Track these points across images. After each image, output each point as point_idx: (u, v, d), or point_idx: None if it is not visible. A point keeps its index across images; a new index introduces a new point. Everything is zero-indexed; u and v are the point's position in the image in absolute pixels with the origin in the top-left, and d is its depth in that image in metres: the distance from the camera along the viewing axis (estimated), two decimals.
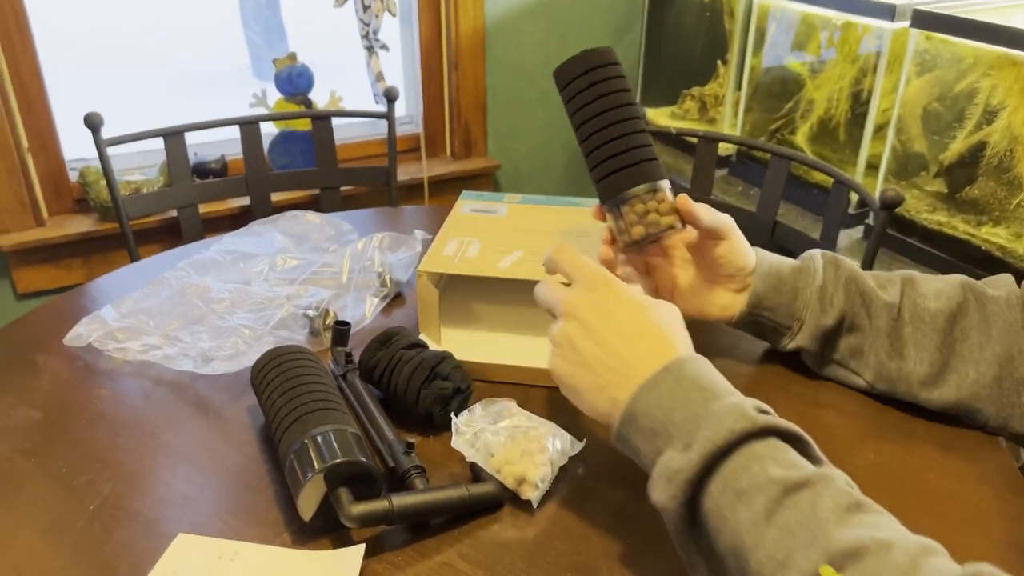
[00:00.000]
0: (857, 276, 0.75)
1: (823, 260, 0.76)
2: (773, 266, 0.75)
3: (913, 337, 0.72)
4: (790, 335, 0.76)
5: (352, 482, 0.61)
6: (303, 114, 1.54)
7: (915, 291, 0.73)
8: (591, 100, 0.70)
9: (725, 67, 1.75)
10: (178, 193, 1.40)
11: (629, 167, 0.70)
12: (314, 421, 0.63)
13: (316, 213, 1.12)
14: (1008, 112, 1.22)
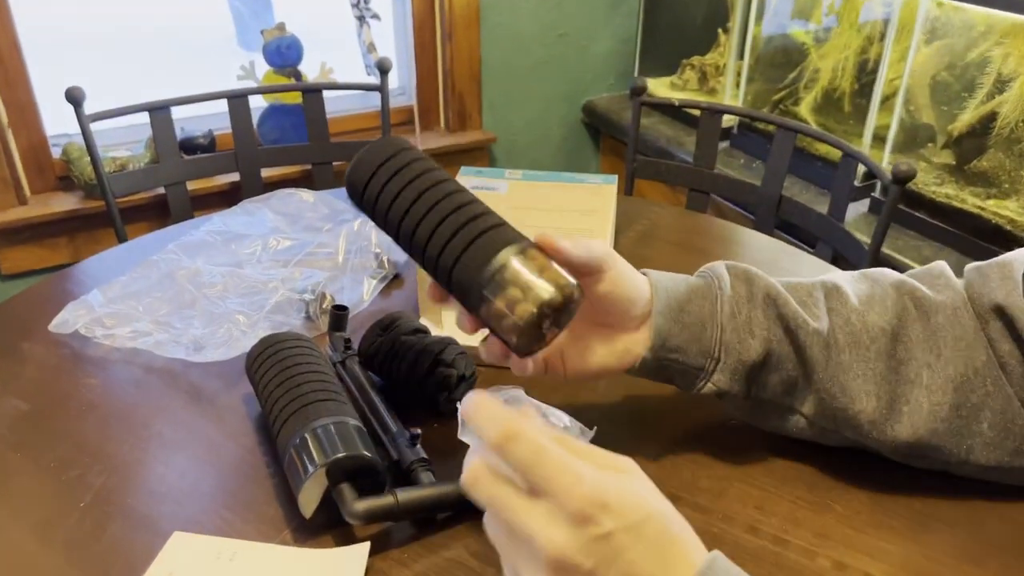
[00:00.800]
0: (776, 295, 0.60)
1: (730, 275, 0.61)
2: (670, 292, 0.60)
3: (852, 367, 0.59)
4: (703, 376, 0.60)
5: (355, 476, 0.58)
6: (294, 87, 1.50)
7: (845, 305, 0.60)
8: (387, 206, 0.55)
9: (726, 36, 1.71)
10: (165, 170, 1.35)
11: (477, 238, 0.51)
12: (314, 413, 0.60)
13: (309, 191, 1.08)
14: (1021, 81, 1.19)
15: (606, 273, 0.56)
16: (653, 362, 0.60)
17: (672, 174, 1.39)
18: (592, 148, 2.04)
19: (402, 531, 0.60)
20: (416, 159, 0.56)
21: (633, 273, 0.59)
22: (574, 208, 0.96)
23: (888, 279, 0.61)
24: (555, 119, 1.95)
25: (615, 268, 0.57)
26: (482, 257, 0.51)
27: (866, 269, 0.64)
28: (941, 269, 0.62)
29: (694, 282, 0.61)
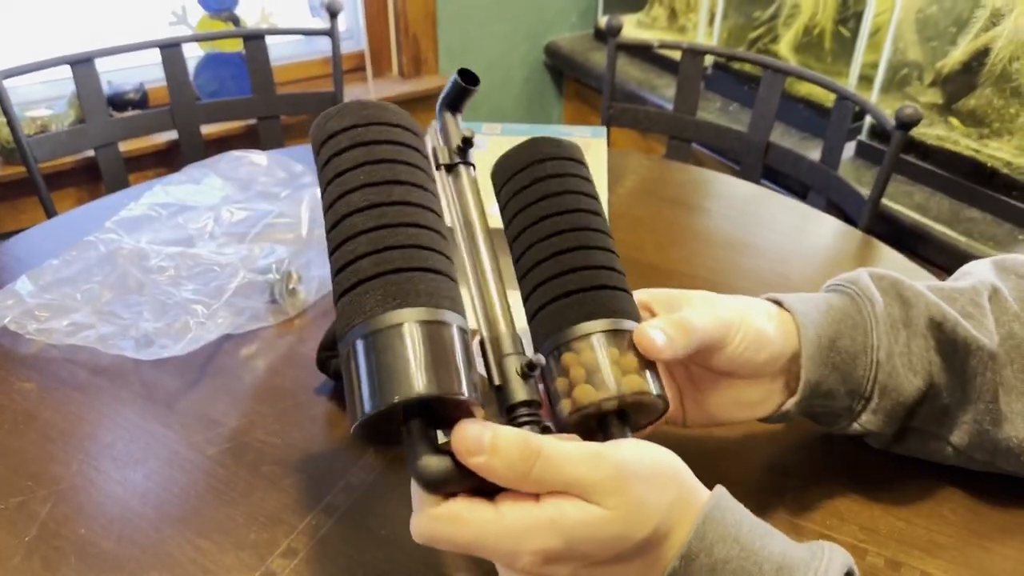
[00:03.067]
0: (943, 319, 0.50)
1: (880, 294, 0.51)
2: (819, 328, 0.50)
3: (1017, 385, 0.50)
4: (849, 418, 0.52)
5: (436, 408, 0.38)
6: (235, 33, 1.36)
7: (1006, 312, 0.51)
8: (557, 193, 0.46)
9: None
10: (93, 130, 1.21)
11: (578, 292, 0.44)
12: (401, 293, 0.37)
13: (261, 153, 0.97)
14: (1015, 14, 1.13)
15: (729, 346, 0.47)
16: (796, 411, 0.51)
17: (651, 121, 1.30)
18: (555, 92, 1.94)
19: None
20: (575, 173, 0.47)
21: (761, 334, 0.48)
22: None
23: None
24: (516, 61, 1.84)
25: (740, 333, 0.47)
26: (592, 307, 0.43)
27: (995, 258, 0.55)
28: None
29: (840, 307, 0.51)
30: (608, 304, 0.43)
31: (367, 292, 0.37)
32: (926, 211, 1.19)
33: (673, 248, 0.86)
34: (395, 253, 0.38)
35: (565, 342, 0.43)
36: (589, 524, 0.35)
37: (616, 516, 0.35)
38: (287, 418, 0.63)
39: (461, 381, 0.37)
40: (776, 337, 0.49)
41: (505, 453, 0.35)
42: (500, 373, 0.41)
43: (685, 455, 0.40)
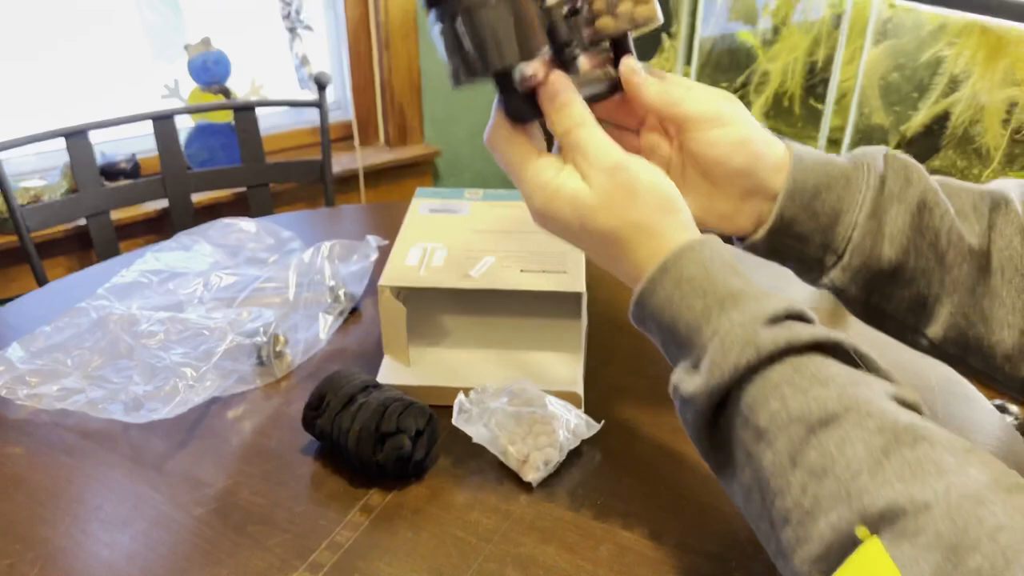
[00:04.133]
0: (934, 203, 0.52)
1: (886, 167, 0.53)
2: (809, 174, 0.53)
3: (1001, 292, 0.52)
4: (822, 271, 0.55)
5: None
6: (227, 105, 1.40)
7: (1010, 224, 0.52)
8: None
9: (671, 41, 1.68)
10: (86, 199, 1.24)
11: None
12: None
13: (250, 220, 1.00)
14: (973, 80, 1.19)
15: (712, 131, 0.53)
16: (767, 243, 0.55)
17: None
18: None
19: None
20: None
21: (753, 138, 0.53)
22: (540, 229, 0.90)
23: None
24: None
25: (725, 128, 0.53)
26: None
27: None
28: None
29: (841, 166, 0.54)
30: None
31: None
32: None
33: None
34: None
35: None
36: (572, 197, 0.49)
37: (596, 198, 0.48)
38: (273, 478, 0.64)
39: (538, 47, 0.50)
40: (762, 152, 0.53)
41: (567, 110, 0.50)
42: (546, 18, 0.51)
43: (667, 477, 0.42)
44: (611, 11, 0.53)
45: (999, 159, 1.19)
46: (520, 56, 0.49)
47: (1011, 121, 1.16)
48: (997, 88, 1.16)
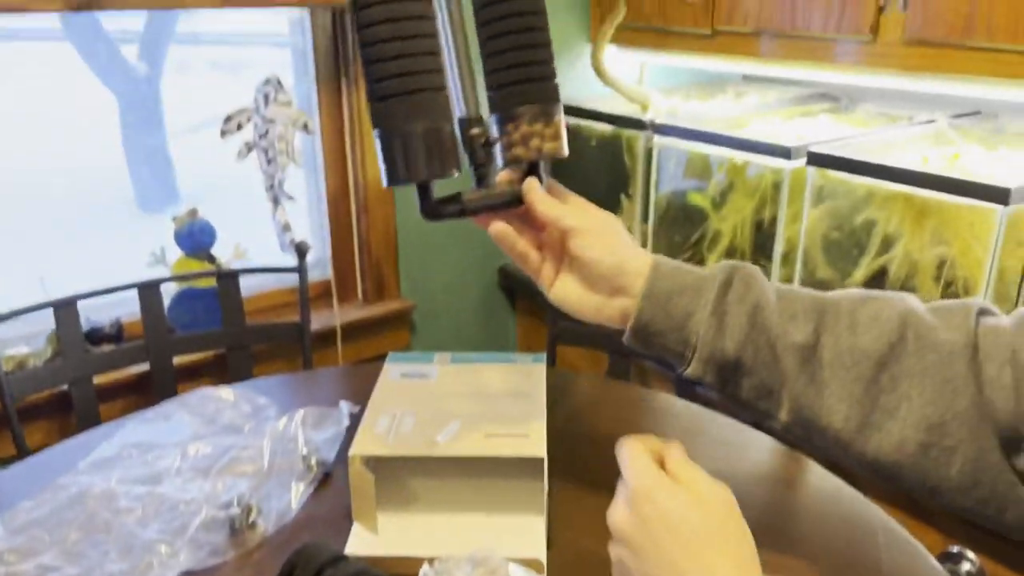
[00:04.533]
0: (766, 305, 0.63)
1: (730, 276, 0.65)
2: (665, 282, 0.65)
3: (830, 384, 0.61)
4: (684, 362, 0.66)
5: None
6: (210, 273, 1.48)
7: (839, 323, 0.62)
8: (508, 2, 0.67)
9: (630, 201, 1.80)
10: (70, 366, 1.29)
11: (527, 82, 0.68)
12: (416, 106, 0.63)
13: (230, 388, 1.05)
14: (904, 241, 1.29)
15: (586, 239, 0.67)
16: (635, 340, 0.67)
17: (592, 339, 1.41)
18: (509, 310, 2.08)
19: None
20: None
21: (621, 248, 0.67)
22: (506, 392, 0.95)
23: (900, 307, 0.62)
24: (472, 283, 1.99)
25: (596, 238, 0.67)
26: (534, 95, 0.68)
27: (891, 292, 0.65)
28: (967, 311, 0.61)
29: (695, 275, 0.66)
30: (538, 92, 0.68)
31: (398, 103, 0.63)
32: None
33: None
34: (414, 79, 0.62)
35: (513, 117, 0.68)
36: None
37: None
38: None
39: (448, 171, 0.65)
40: (628, 258, 0.67)
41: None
42: (469, 145, 0.69)
43: None
44: (524, 143, 0.68)
45: None
46: (432, 176, 0.64)
47: (942, 277, 1.25)
48: (927, 248, 1.26)
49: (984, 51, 1.21)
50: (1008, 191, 1.10)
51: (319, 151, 1.75)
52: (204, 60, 2.28)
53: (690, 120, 1.60)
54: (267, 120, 1.52)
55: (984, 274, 1.18)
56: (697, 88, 2.01)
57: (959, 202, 1.17)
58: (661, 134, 1.59)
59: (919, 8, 1.26)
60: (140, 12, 1.75)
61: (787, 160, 1.37)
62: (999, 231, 1.13)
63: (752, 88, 1.97)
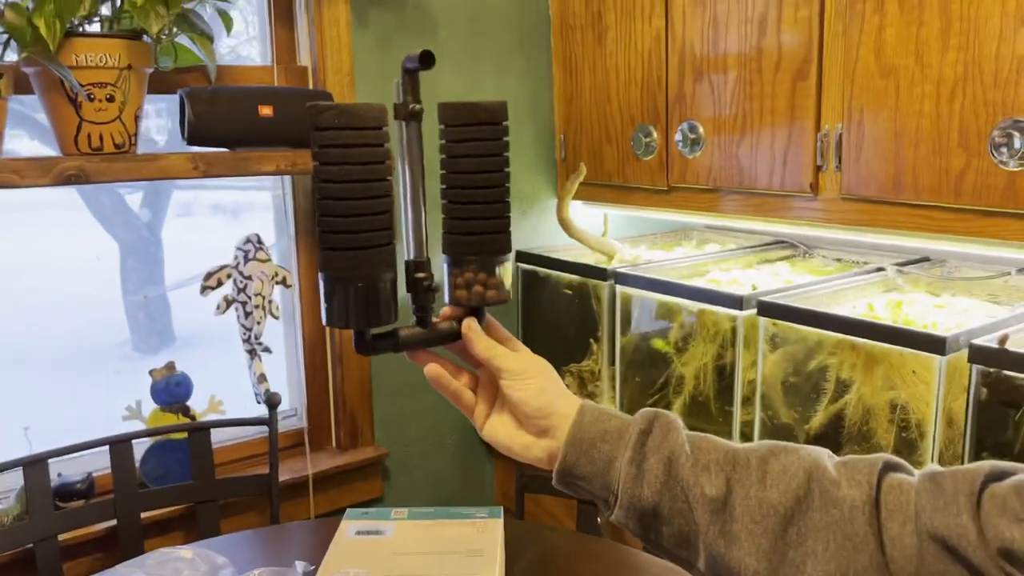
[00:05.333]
0: (678, 455, 0.66)
1: (650, 425, 0.68)
2: (588, 428, 0.68)
3: (741, 536, 0.63)
4: (607, 508, 0.68)
5: None
6: (180, 427, 1.50)
7: (749, 477, 0.64)
8: (479, 154, 0.72)
9: (598, 345, 1.85)
10: (36, 526, 1.29)
11: (479, 235, 0.72)
12: (356, 262, 0.67)
13: (189, 548, 1.05)
14: (857, 386, 1.33)
15: (518, 381, 0.71)
16: (561, 482, 0.69)
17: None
18: (486, 454, 2.08)
19: None
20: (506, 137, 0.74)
21: (550, 391, 0.71)
22: (461, 550, 0.96)
23: (807, 461, 0.64)
24: (447, 427, 2.00)
25: (519, 379, 0.71)
26: (482, 246, 0.73)
27: (800, 445, 0.67)
28: (874, 464, 0.62)
29: (618, 422, 0.69)
30: (489, 244, 0.73)
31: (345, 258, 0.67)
32: None
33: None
34: (357, 237, 0.66)
35: (460, 263, 0.73)
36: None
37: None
38: None
39: (376, 320, 0.70)
40: (555, 401, 0.71)
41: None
42: (414, 288, 0.73)
43: None
44: (467, 288, 0.73)
45: None
46: (366, 325, 0.69)
47: (895, 420, 1.28)
48: (879, 392, 1.30)
49: (913, 208, 1.29)
50: (944, 340, 1.15)
51: (297, 304, 1.81)
52: (206, 204, 2.38)
53: (652, 269, 1.68)
54: (245, 276, 1.59)
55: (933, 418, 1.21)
56: (661, 236, 2.10)
57: (901, 351, 1.22)
58: (621, 283, 1.66)
59: (852, 168, 1.36)
60: None
61: (739, 310, 1.43)
62: (940, 378, 1.18)
63: (714, 236, 2.07)
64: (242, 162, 1.44)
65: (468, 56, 1.89)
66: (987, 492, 0.57)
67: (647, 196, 1.78)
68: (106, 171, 1.31)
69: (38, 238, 1.87)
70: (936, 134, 1.24)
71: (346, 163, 0.65)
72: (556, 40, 1.96)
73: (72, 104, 1.30)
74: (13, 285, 1.75)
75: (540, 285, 1.95)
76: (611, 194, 1.87)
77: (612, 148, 1.83)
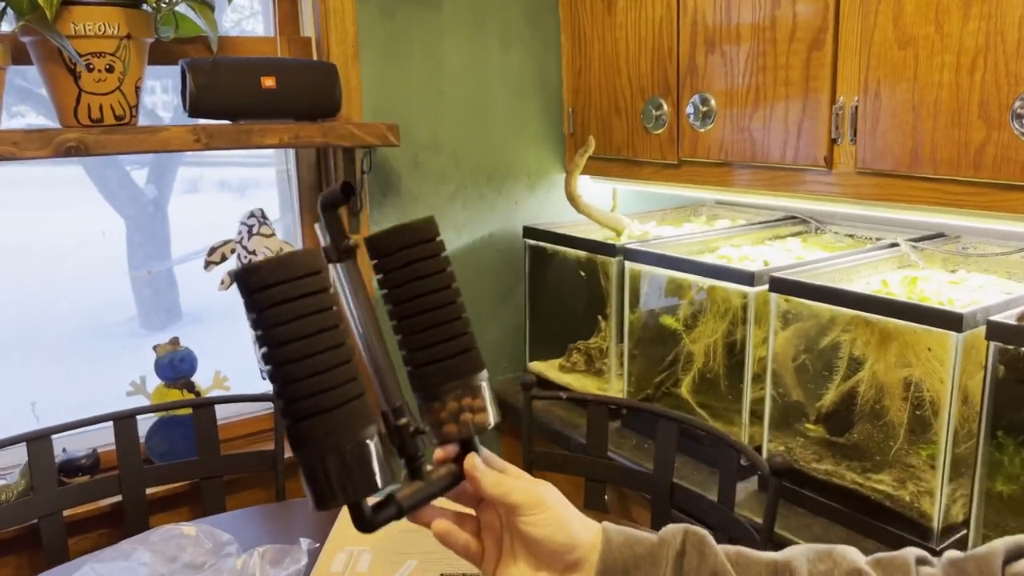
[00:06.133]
0: (724, 574, 0.64)
1: (683, 544, 0.66)
2: (619, 554, 0.65)
3: None
4: None
5: None
6: (184, 403, 1.49)
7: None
8: (421, 276, 0.64)
9: (606, 322, 1.83)
10: (41, 501, 1.28)
11: (447, 359, 0.65)
12: (336, 426, 0.57)
13: (192, 524, 1.04)
14: (870, 363, 1.30)
15: (527, 516, 0.63)
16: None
17: (568, 465, 1.41)
18: (493, 431, 2.07)
19: None
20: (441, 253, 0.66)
21: (570, 521, 0.64)
22: None
23: (847, 565, 0.64)
24: None
25: (542, 512, 0.63)
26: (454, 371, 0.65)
27: (833, 547, 0.66)
28: (908, 562, 0.63)
29: (647, 544, 0.65)
30: (461, 367, 0.65)
31: (315, 427, 0.56)
32: (824, 543, 1.27)
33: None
34: (327, 396, 0.56)
35: (439, 396, 0.65)
36: None
37: None
38: None
39: (377, 483, 0.58)
40: (578, 532, 0.64)
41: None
42: (398, 436, 0.62)
43: None
44: (455, 420, 0.65)
45: (903, 435, 1.27)
46: (365, 494, 0.58)
47: (909, 399, 1.26)
48: (892, 370, 1.28)
49: (930, 181, 1.26)
50: (961, 317, 1.12)
51: None
52: (212, 181, 2.36)
53: (661, 245, 1.65)
54: (249, 251, 1.57)
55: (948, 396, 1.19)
56: (671, 212, 2.07)
57: (916, 328, 1.20)
58: (630, 259, 1.64)
59: (868, 141, 1.33)
60: None
61: (751, 286, 1.41)
62: (956, 355, 1.15)
63: (724, 212, 2.04)
64: (244, 134, 1.41)
65: (472, 28, 1.85)
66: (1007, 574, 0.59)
67: (657, 170, 1.75)
68: (106, 143, 1.29)
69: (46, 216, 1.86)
70: (955, 106, 1.20)
71: (297, 318, 0.56)
72: (564, 10, 1.92)
73: (71, 75, 1.28)
74: (20, 263, 1.73)
75: (548, 261, 1.93)
76: (620, 168, 1.84)
77: (621, 121, 1.79)
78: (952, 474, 1.22)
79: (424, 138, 1.83)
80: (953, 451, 1.21)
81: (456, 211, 1.89)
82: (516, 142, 1.92)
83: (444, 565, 0.87)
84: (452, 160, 1.87)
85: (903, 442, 1.28)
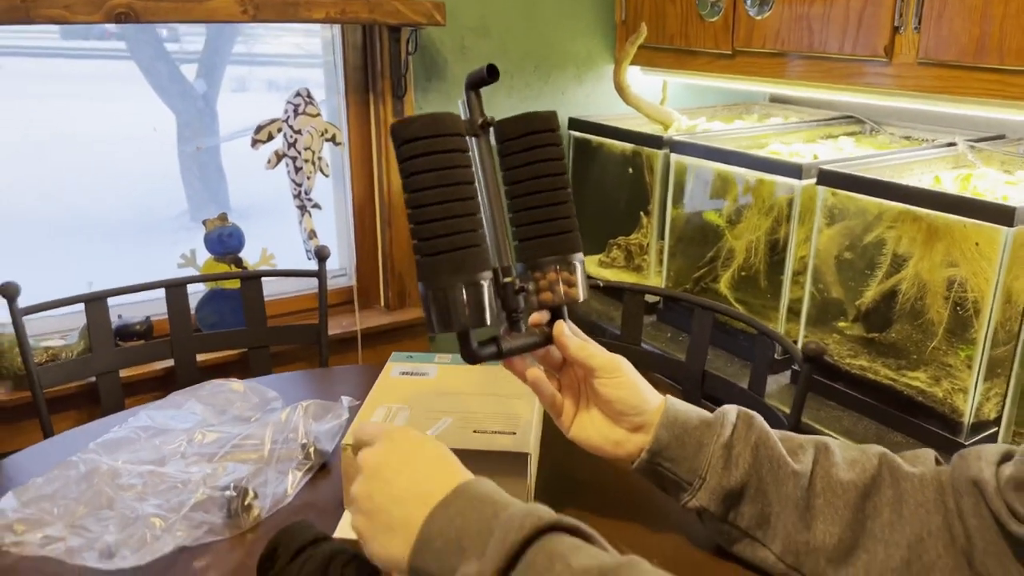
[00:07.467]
0: (767, 439, 0.73)
1: (736, 417, 0.75)
2: (680, 415, 0.75)
3: (824, 510, 0.70)
4: (691, 492, 0.74)
5: None
6: (232, 275, 1.53)
7: (829, 460, 0.72)
8: (540, 160, 0.74)
9: (648, 218, 1.82)
10: (98, 360, 1.35)
11: (552, 236, 0.75)
12: (458, 263, 0.68)
13: (240, 381, 1.09)
14: (914, 261, 1.28)
15: (605, 379, 0.74)
16: (648, 464, 0.74)
17: None
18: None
19: None
20: (560, 143, 0.76)
21: (640, 386, 0.75)
22: (502, 392, 0.98)
23: (875, 451, 0.72)
24: None
25: (618, 376, 0.74)
26: (556, 246, 0.76)
27: (863, 445, 0.74)
28: (927, 454, 0.72)
29: (703, 414, 0.75)
30: (565, 243, 0.76)
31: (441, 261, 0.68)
32: (852, 435, 1.28)
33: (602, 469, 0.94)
34: (457, 238, 0.67)
35: (540, 267, 0.76)
36: None
37: None
38: None
39: (486, 319, 0.70)
40: (648, 397, 0.75)
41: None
42: (503, 291, 0.73)
43: None
44: (551, 289, 0.76)
45: (941, 333, 1.26)
46: (473, 326, 0.70)
47: (951, 298, 1.25)
48: (936, 268, 1.26)
49: (996, 72, 1.21)
50: (1013, 210, 1.10)
51: (346, 162, 1.81)
52: (260, 80, 2.36)
53: (709, 138, 1.62)
54: (295, 131, 1.58)
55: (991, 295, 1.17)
56: (722, 109, 2.03)
57: (965, 222, 1.17)
58: (677, 152, 1.61)
59: (932, 29, 1.27)
60: (200, 33, 1.84)
61: (798, 179, 1.38)
62: (1004, 251, 1.13)
63: (777, 110, 1.98)
64: (291, 8, 1.40)
65: None
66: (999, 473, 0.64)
67: (710, 61, 1.70)
68: (155, 10, 1.30)
69: (98, 109, 1.88)
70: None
71: (439, 168, 0.67)
72: None
73: None
74: (76, 152, 1.77)
75: (592, 154, 1.91)
76: (671, 59, 1.79)
77: (675, 8, 1.74)
78: (987, 373, 1.22)
79: (472, 21, 1.79)
80: (991, 351, 1.20)
81: (500, 99, 1.87)
82: (565, 30, 1.88)
83: (476, 423, 0.90)
84: (499, 46, 1.84)
85: (941, 341, 1.27)
